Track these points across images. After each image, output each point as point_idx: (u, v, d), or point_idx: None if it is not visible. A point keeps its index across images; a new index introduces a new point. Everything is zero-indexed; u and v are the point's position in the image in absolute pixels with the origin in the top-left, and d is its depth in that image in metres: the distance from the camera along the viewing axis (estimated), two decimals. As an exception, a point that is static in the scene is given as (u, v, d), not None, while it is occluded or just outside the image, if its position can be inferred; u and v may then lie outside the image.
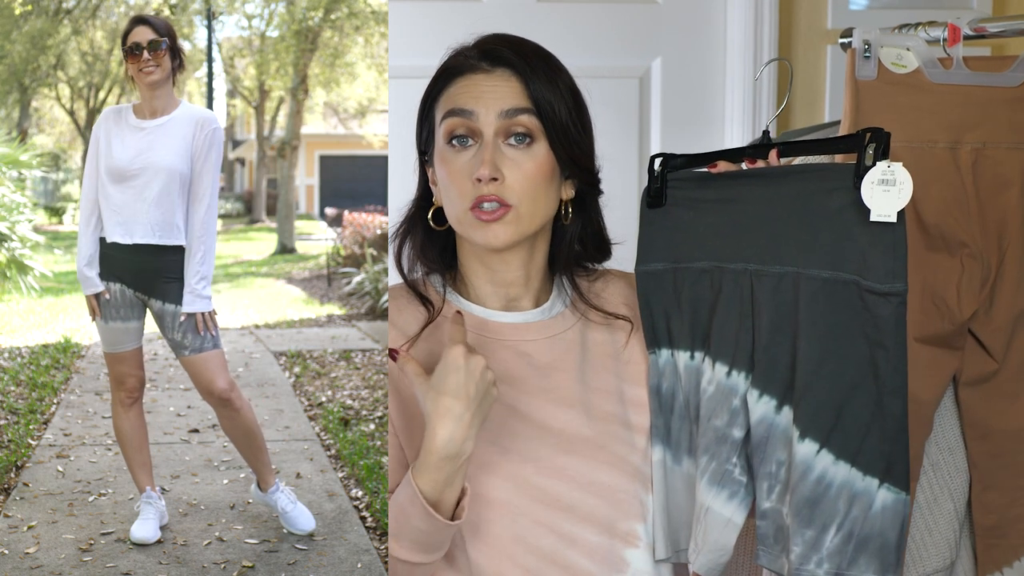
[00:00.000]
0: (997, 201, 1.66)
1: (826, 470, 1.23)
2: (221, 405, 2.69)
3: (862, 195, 1.21)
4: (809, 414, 1.24)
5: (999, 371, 1.70)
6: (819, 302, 1.24)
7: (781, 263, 1.28)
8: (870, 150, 1.21)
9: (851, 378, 1.23)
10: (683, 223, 1.39)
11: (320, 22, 9.50)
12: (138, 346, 2.72)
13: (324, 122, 12.62)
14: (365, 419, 4.10)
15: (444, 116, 1.37)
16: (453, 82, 1.38)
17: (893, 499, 1.22)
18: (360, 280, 7.28)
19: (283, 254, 10.11)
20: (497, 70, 1.37)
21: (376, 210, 8.65)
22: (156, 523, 2.78)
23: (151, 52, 2.58)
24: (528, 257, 1.41)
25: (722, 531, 1.32)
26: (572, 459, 1.35)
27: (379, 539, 2.81)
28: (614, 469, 1.36)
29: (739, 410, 1.31)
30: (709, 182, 1.37)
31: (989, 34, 1.67)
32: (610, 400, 1.40)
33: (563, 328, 1.42)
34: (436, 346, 1.37)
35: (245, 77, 10.89)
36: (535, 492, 1.33)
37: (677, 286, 1.38)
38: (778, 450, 1.28)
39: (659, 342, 1.40)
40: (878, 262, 1.21)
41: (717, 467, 1.32)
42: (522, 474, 1.33)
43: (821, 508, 1.24)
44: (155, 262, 2.63)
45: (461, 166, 1.35)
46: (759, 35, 2.52)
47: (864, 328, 1.22)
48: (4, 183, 4.65)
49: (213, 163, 2.65)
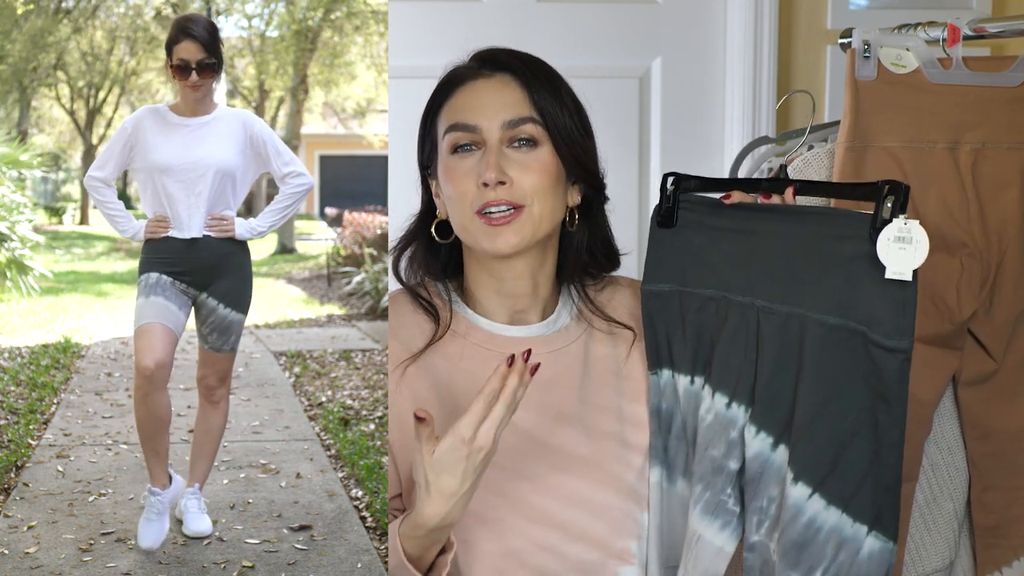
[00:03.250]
0: (997, 201, 1.66)
1: (817, 514, 1.22)
2: (207, 400, 2.84)
3: (877, 251, 1.19)
4: (805, 458, 1.23)
5: (999, 371, 1.70)
6: (825, 348, 1.23)
7: (789, 303, 1.27)
8: (888, 203, 1.19)
9: (851, 426, 1.22)
10: (693, 247, 1.37)
11: (320, 22, 9.50)
12: (170, 329, 2.62)
13: (324, 122, 12.62)
14: (365, 419, 4.10)
15: (447, 130, 1.36)
16: (454, 93, 1.37)
17: (880, 547, 1.21)
18: (360, 280, 7.28)
19: (283, 254, 10.11)
20: (497, 75, 1.36)
21: (376, 210, 8.64)
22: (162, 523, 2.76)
23: (200, 73, 2.58)
24: (537, 267, 1.39)
25: (712, 560, 1.31)
26: (568, 477, 1.35)
27: (379, 539, 2.81)
28: (609, 488, 1.36)
29: (736, 442, 1.30)
30: (723, 210, 1.36)
31: (989, 34, 1.67)
32: (609, 418, 1.39)
33: (567, 342, 1.41)
34: (439, 359, 1.37)
35: (245, 77, 10.89)
36: (529, 510, 1.33)
37: (683, 309, 1.37)
38: (771, 487, 1.28)
39: (661, 362, 1.39)
40: (887, 317, 1.19)
41: (712, 497, 1.31)
42: (518, 493, 1.33)
43: (809, 552, 1.23)
44: (209, 257, 2.65)
45: (466, 171, 1.33)
46: (759, 35, 2.52)
47: (868, 379, 1.21)
48: (4, 183, 4.65)
49: (279, 146, 2.71)
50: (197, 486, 2.86)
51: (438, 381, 1.36)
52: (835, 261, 1.24)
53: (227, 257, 2.69)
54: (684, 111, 2.58)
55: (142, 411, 2.69)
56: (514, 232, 1.32)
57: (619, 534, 1.35)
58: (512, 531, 1.32)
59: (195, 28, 2.59)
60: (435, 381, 1.36)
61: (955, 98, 1.65)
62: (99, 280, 7.68)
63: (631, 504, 1.36)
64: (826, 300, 1.24)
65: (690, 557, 1.33)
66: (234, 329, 2.76)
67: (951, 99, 1.65)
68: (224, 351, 2.77)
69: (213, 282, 2.69)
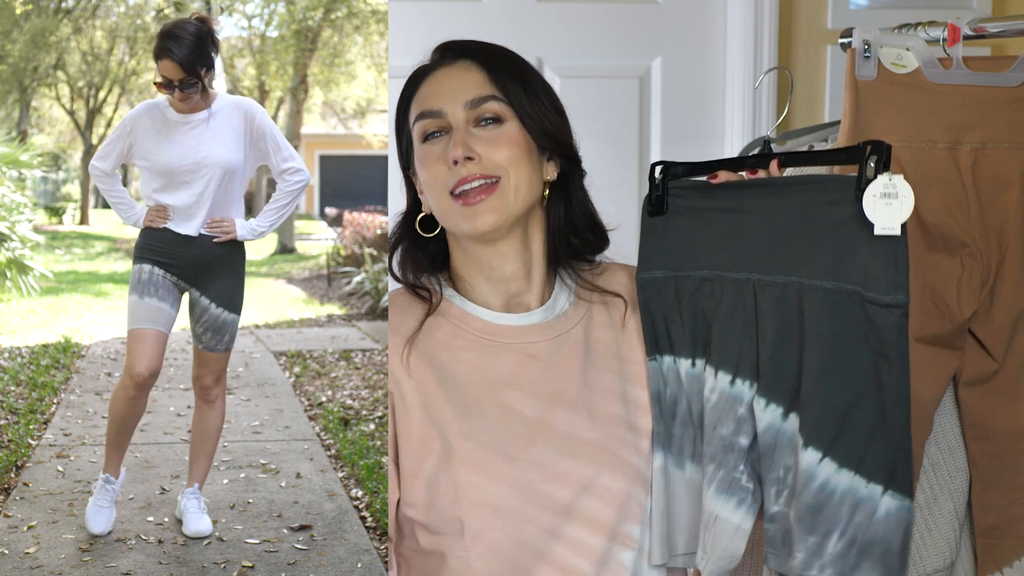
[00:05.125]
0: (997, 201, 1.66)
1: (829, 478, 1.24)
2: (203, 399, 2.86)
3: (864, 209, 1.22)
4: (812, 423, 1.25)
5: (999, 371, 1.70)
6: (823, 312, 1.25)
7: (784, 273, 1.28)
8: (871, 163, 1.22)
9: (855, 388, 1.24)
10: (685, 232, 1.39)
11: (320, 22, 9.50)
12: (163, 333, 2.68)
13: (324, 122, 12.60)
14: (365, 419, 4.10)
15: (415, 120, 1.39)
16: (419, 86, 1.40)
17: (897, 506, 1.23)
18: (360, 280, 7.28)
19: (283, 254, 10.10)
20: (459, 61, 1.39)
21: (376, 210, 8.64)
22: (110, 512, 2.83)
23: (182, 90, 2.58)
24: (522, 247, 1.40)
25: (731, 538, 1.32)
26: (576, 463, 1.35)
27: (379, 539, 2.81)
28: (617, 472, 1.36)
29: (745, 418, 1.31)
30: (711, 191, 1.38)
31: (989, 34, 1.67)
32: (613, 402, 1.39)
33: (567, 327, 1.42)
34: (441, 351, 1.37)
35: (245, 77, 10.88)
36: (540, 498, 1.33)
37: (679, 294, 1.38)
38: (785, 456, 1.29)
39: (660, 348, 1.40)
40: (880, 274, 1.21)
41: (725, 475, 1.32)
42: (528, 480, 1.33)
43: (824, 515, 1.24)
44: (205, 255, 2.65)
45: (437, 156, 1.35)
46: (759, 35, 2.52)
47: (867, 338, 1.23)
48: (4, 183, 4.65)
49: (279, 140, 2.71)
50: (196, 486, 2.86)
51: (442, 372, 1.37)
52: (825, 226, 1.26)
53: (221, 257, 2.69)
54: (684, 111, 2.58)
55: (122, 410, 2.73)
56: (491, 210, 1.33)
57: (626, 519, 1.36)
58: (524, 519, 1.32)
59: (175, 46, 2.58)
60: (439, 372, 1.37)
61: (955, 98, 1.64)
62: (99, 280, 7.67)
63: (638, 488, 1.37)
64: (820, 266, 1.26)
65: (708, 538, 1.33)
66: (228, 329, 2.76)
67: (951, 99, 1.65)
68: (218, 351, 2.78)
69: (206, 280, 2.69)
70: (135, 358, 2.64)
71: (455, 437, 1.33)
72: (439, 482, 1.33)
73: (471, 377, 1.36)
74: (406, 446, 1.35)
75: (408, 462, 1.34)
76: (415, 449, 1.34)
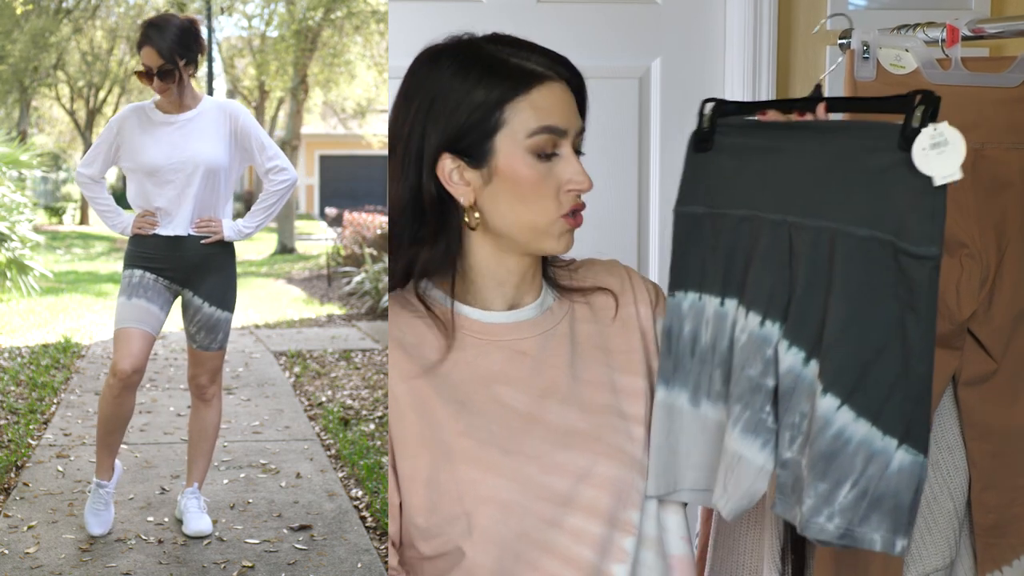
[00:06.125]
0: (996, 201, 1.67)
1: (845, 426, 1.23)
2: (199, 398, 2.85)
3: (916, 163, 1.20)
4: (834, 369, 1.24)
5: (998, 371, 1.71)
6: (854, 260, 1.24)
7: (821, 217, 1.27)
8: (918, 112, 1.21)
9: (879, 338, 1.22)
10: (727, 170, 1.38)
11: (320, 22, 9.50)
12: (149, 333, 2.67)
13: (324, 122, 12.61)
14: (365, 419, 4.11)
15: (538, 131, 1.33)
16: (534, 88, 1.35)
17: (911, 461, 1.21)
18: (360, 280, 7.28)
19: (283, 254, 10.11)
20: (563, 80, 1.37)
21: (376, 210, 8.65)
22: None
23: (161, 79, 2.58)
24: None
25: (755, 479, 1.31)
26: (571, 453, 1.36)
27: (379, 539, 2.81)
28: (612, 460, 1.37)
29: (772, 360, 1.30)
30: (756, 131, 1.36)
31: (987, 35, 1.68)
32: (603, 392, 1.40)
33: (554, 322, 1.43)
34: (432, 353, 1.38)
35: (245, 77, 10.89)
36: (539, 490, 1.34)
37: (715, 231, 1.37)
38: (802, 402, 1.28)
39: (686, 285, 1.39)
40: (916, 225, 1.20)
41: (751, 416, 1.31)
42: (526, 473, 1.34)
43: (837, 463, 1.23)
44: (195, 256, 2.66)
45: (549, 174, 1.35)
46: (759, 35, 2.52)
47: (897, 289, 1.22)
48: (4, 183, 4.65)
49: (264, 140, 2.71)
50: (196, 485, 2.86)
51: (433, 372, 1.37)
52: (865, 172, 1.24)
53: (211, 256, 2.70)
54: (684, 111, 2.58)
55: (110, 409, 2.73)
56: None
57: (624, 505, 1.36)
58: (525, 511, 1.33)
59: (156, 34, 2.58)
60: (430, 372, 1.37)
61: (954, 99, 1.65)
62: (99, 280, 7.67)
63: (635, 474, 1.37)
64: (856, 212, 1.24)
65: (731, 479, 1.33)
66: (221, 327, 2.76)
67: (950, 100, 1.64)
68: (212, 349, 2.78)
69: (197, 280, 2.69)
70: (119, 356, 2.65)
71: (452, 435, 1.34)
72: (440, 482, 1.33)
73: (463, 375, 1.37)
74: (402, 449, 1.35)
75: (405, 465, 1.35)
76: (411, 452, 1.34)
